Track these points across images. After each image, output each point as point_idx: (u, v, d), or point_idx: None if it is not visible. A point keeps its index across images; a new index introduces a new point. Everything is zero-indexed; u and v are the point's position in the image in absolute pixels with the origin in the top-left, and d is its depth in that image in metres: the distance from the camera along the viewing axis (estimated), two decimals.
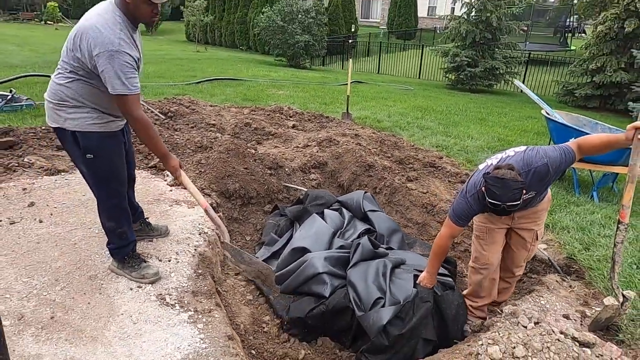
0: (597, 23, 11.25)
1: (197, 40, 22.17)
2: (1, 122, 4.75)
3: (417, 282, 2.63)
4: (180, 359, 2.03)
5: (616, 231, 2.21)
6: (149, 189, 3.70)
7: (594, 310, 2.50)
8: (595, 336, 2.13)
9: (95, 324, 2.15)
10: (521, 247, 2.61)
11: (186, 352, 2.07)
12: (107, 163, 2.29)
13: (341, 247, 3.07)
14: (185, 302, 2.42)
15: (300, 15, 16.07)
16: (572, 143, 2.21)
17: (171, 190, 3.73)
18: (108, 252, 2.58)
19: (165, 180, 3.91)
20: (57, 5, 31.01)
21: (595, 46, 11.10)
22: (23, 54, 13.00)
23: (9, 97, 5.40)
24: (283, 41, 15.95)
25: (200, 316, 2.33)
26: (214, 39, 25.68)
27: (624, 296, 2.24)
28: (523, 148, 2.33)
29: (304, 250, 3.05)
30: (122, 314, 2.23)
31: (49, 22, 29.85)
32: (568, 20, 21.80)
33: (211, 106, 6.48)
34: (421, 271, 2.69)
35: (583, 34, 25.83)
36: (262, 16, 16.52)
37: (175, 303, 2.40)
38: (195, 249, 2.91)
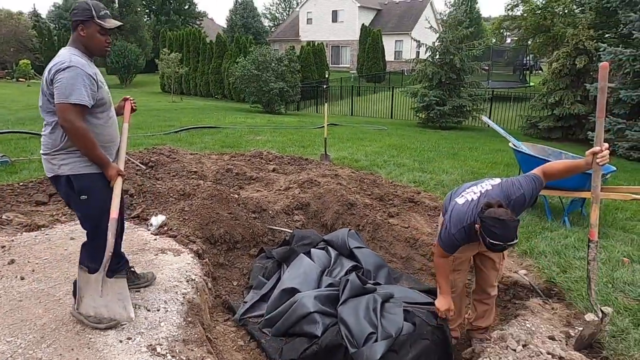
0: (552, 61, 12.15)
1: (172, 91, 22.51)
2: None
3: (433, 310, 2.67)
4: None
5: (588, 249, 2.35)
6: (133, 239, 3.68)
7: (576, 331, 2.59)
8: (581, 354, 2.21)
9: None
10: (491, 268, 2.76)
11: None
12: (100, 202, 2.37)
13: (330, 285, 3.10)
14: (177, 351, 2.38)
15: (273, 64, 16.67)
16: (537, 170, 2.39)
17: (155, 240, 3.72)
18: None
19: (149, 230, 3.90)
20: (29, 62, 31.12)
21: (552, 82, 11.91)
22: None
23: None
24: (258, 89, 16.42)
25: None
26: (189, 89, 26.18)
27: (602, 312, 2.35)
28: (497, 180, 2.49)
29: (293, 291, 3.07)
30: None
31: (20, 79, 29.81)
32: (525, 59, 23.39)
33: (191, 154, 6.55)
34: (411, 304, 2.74)
35: (540, 71, 27.63)
36: (236, 66, 17.05)
37: (167, 353, 2.35)
38: (183, 297, 2.89)
